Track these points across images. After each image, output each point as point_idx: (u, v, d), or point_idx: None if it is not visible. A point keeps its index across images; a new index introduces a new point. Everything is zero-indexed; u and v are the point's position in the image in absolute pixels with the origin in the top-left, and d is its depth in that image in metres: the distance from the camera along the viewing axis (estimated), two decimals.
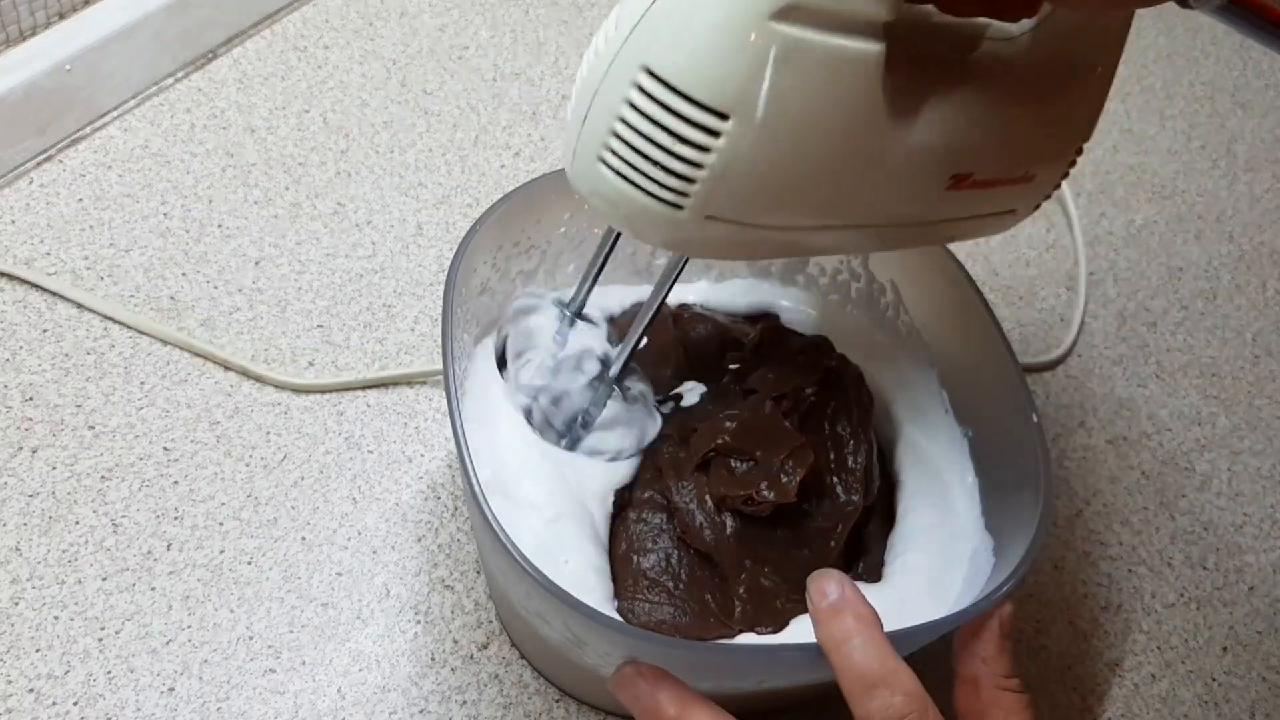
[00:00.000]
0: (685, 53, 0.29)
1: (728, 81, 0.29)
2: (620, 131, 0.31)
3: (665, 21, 0.29)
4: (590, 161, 0.33)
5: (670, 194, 0.32)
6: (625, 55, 0.30)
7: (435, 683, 0.45)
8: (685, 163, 0.31)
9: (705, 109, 0.30)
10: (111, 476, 0.49)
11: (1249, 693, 0.50)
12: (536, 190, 0.46)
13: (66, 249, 0.56)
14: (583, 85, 0.32)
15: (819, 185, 0.33)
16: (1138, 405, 0.60)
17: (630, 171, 0.32)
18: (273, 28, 0.69)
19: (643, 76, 0.30)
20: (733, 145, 0.30)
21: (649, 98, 0.30)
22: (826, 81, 0.30)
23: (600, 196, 0.33)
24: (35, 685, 0.43)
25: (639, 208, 0.32)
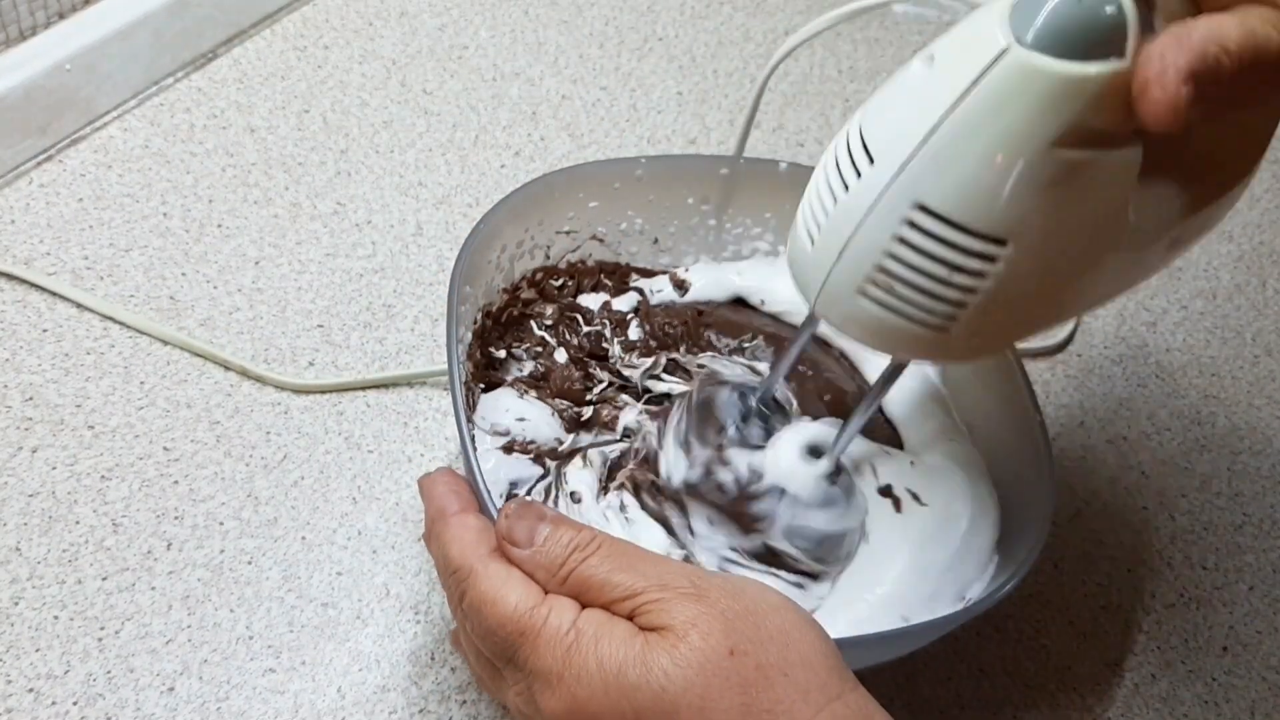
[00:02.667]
0: (964, 187, 0.29)
1: (1008, 209, 0.29)
2: (888, 266, 0.31)
3: (941, 159, 0.29)
4: (847, 293, 0.33)
5: (939, 319, 0.32)
6: (895, 192, 0.30)
7: (435, 682, 0.45)
8: (958, 289, 0.31)
9: (984, 238, 0.30)
10: (111, 476, 0.49)
11: (1249, 693, 0.50)
12: (541, 188, 0.46)
13: (66, 249, 0.56)
14: (832, 219, 0.32)
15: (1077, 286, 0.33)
16: (1137, 405, 0.60)
17: (896, 303, 0.32)
18: (272, 27, 0.69)
19: (917, 213, 0.30)
20: (1007, 268, 0.30)
21: (923, 233, 0.30)
22: (1094, 193, 0.30)
23: (858, 325, 0.33)
24: (35, 685, 0.43)
25: (902, 334, 0.32)
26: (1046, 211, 0.30)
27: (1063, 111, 0.28)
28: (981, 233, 0.30)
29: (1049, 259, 0.31)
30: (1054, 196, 0.29)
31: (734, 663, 0.30)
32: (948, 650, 0.49)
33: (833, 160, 0.33)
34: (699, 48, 0.74)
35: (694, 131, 0.69)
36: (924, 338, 0.32)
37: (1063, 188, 0.29)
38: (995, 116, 0.28)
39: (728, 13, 0.77)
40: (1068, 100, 0.28)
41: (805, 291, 0.35)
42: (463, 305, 0.43)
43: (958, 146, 0.29)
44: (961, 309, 0.31)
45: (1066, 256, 0.31)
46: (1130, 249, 0.33)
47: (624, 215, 0.50)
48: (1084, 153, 0.29)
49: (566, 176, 0.48)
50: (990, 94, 0.28)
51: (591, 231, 0.50)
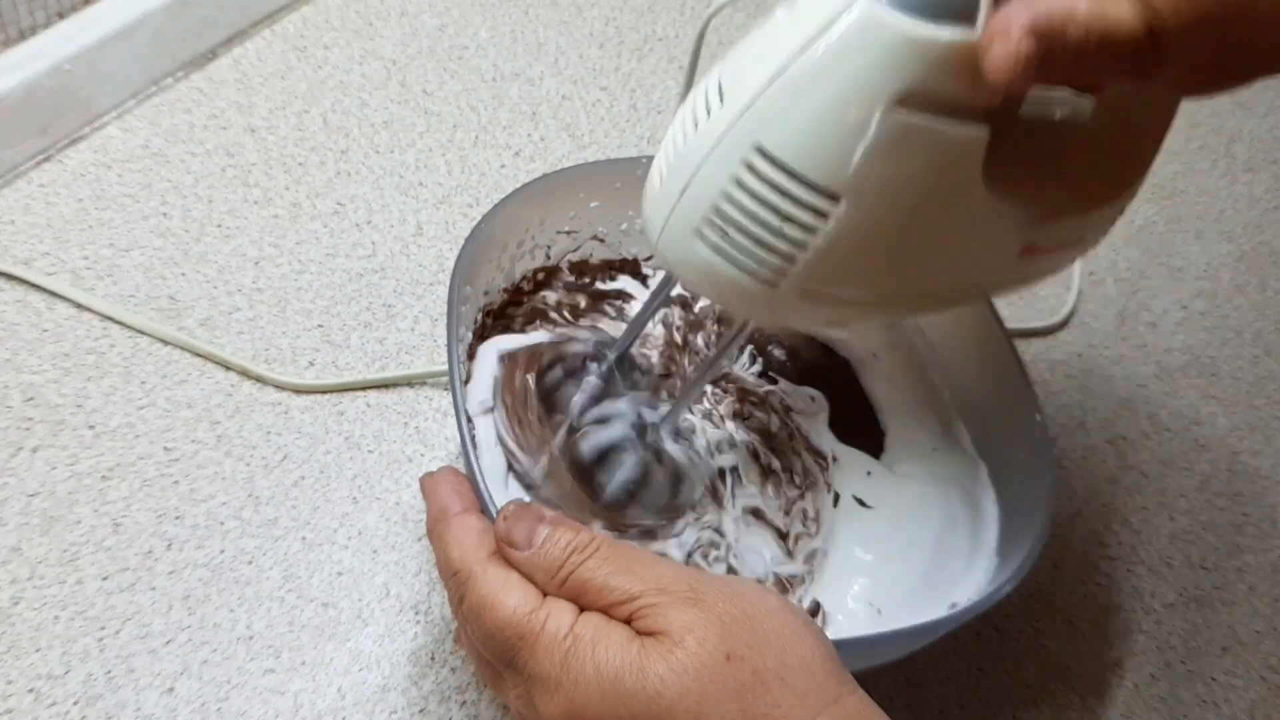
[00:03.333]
0: (803, 134, 0.29)
1: (844, 164, 0.29)
2: (723, 208, 0.31)
3: (782, 102, 0.29)
4: (685, 234, 0.32)
5: (769, 272, 0.32)
6: (737, 133, 0.30)
7: (435, 682, 0.45)
8: (789, 242, 0.31)
9: (818, 190, 0.30)
10: (112, 476, 0.49)
11: (1249, 693, 0.50)
12: (542, 188, 0.46)
13: (66, 249, 0.56)
14: (679, 156, 0.32)
15: (909, 262, 0.33)
16: (1137, 405, 0.60)
17: (729, 248, 0.32)
18: (273, 28, 0.69)
19: (755, 156, 0.30)
20: (838, 226, 0.30)
21: (759, 177, 0.30)
22: (934, 164, 0.30)
23: (692, 268, 0.33)
24: (35, 685, 0.43)
25: (732, 283, 0.32)
26: (883, 173, 0.29)
27: (906, 70, 0.28)
28: (815, 184, 0.30)
29: (883, 224, 0.31)
30: (892, 158, 0.29)
31: (730, 668, 0.30)
32: (948, 650, 0.49)
33: (691, 99, 0.33)
34: None
35: None
36: (754, 291, 0.32)
37: (901, 151, 0.29)
38: (839, 65, 0.28)
39: (728, 13, 0.77)
40: (913, 60, 0.28)
41: (650, 230, 0.34)
42: (463, 305, 0.43)
43: (801, 92, 0.29)
44: (790, 263, 0.31)
45: (902, 225, 0.31)
46: (976, 237, 0.33)
47: (625, 215, 0.50)
48: (926, 118, 0.29)
49: (567, 176, 0.48)
50: (837, 42, 0.28)
51: (593, 231, 0.50)
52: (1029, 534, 0.40)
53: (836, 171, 0.29)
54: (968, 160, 0.30)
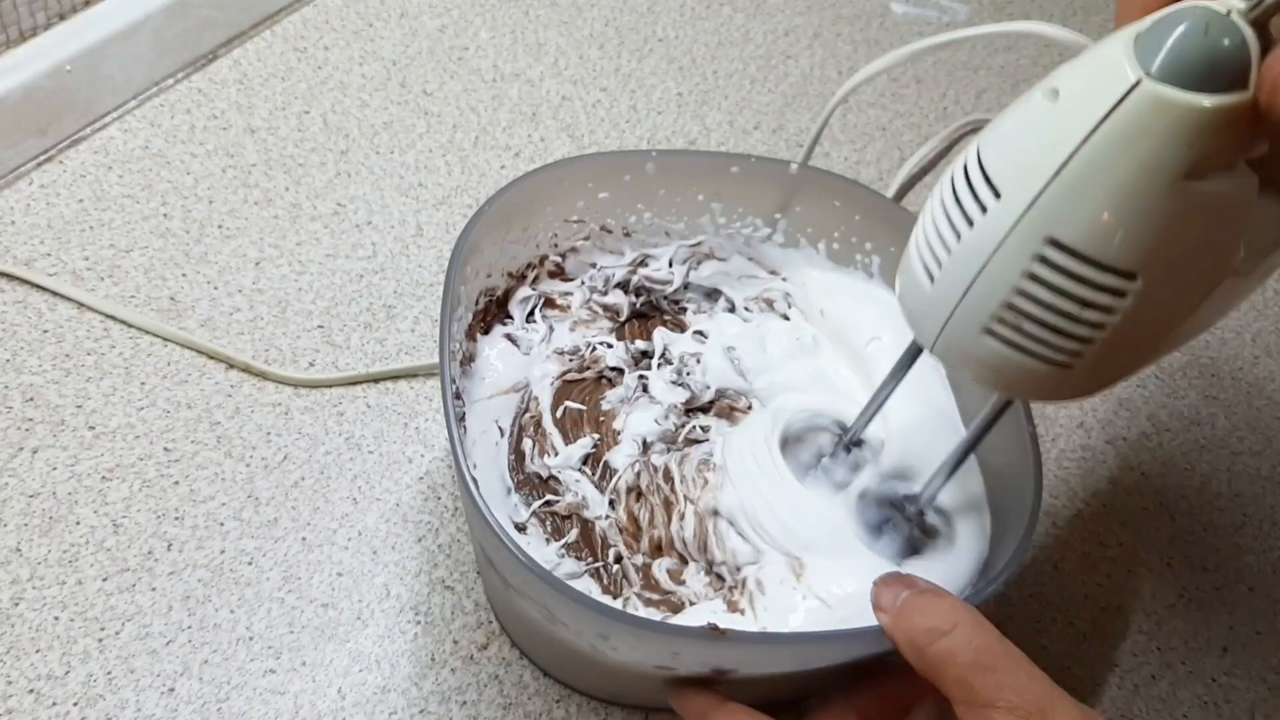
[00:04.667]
0: (1096, 221, 0.29)
1: (1139, 242, 0.29)
2: (1016, 303, 0.31)
3: (1072, 192, 0.29)
4: (972, 332, 0.32)
5: (1066, 356, 0.31)
6: (1025, 228, 0.30)
7: (435, 683, 0.45)
8: (1088, 326, 0.31)
9: (1115, 272, 0.30)
10: (112, 477, 0.49)
11: (1249, 693, 0.50)
12: (550, 176, 0.46)
13: (67, 249, 0.56)
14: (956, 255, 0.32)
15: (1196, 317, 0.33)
16: (1137, 405, 0.60)
17: (1024, 340, 0.31)
18: (273, 29, 0.69)
19: (1048, 248, 0.30)
20: (1135, 302, 0.30)
21: (1053, 268, 0.30)
22: (1218, 222, 0.30)
23: (979, 364, 0.33)
24: (35, 686, 0.43)
25: (1025, 370, 0.32)
26: (1175, 243, 0.29)
27: (1192, 144, 0.28)
28: (1114, 267, 0.29)
29: (1175, 291, 0.31)
30: (1182, 228, 0.29)
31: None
32: None
33: (951, 195, 0.32)
34: (699, 49, 0.74)
35: (694, 132, 0.69)
36: (1047, 375, 0.32)
37: (1190, 219, 0.29)
38: (1127, 149, 0.28)
39: (727, 14, 0.77)
40: (1197, 132, 0.28)
41: (922, 332, 0.34)
42: (463, 285, 0.43)
43: (1090, 180, 0.29)
44: (1088, 345, 0.31)
45: (1190, 287, 0.31)
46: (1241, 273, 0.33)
47: (633, 208, 0.50)
48: (1209, 183, 0.29)
49: (577, 166, 0.48)
50: (1122, 126, 0.28)
51: (600, 222, 0.50)
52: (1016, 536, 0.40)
53: (1132, 251, 0.29)
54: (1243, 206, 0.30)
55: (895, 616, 0.34)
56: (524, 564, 0.35)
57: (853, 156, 0.69)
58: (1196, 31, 0.27)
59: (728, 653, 0.37)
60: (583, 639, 0.38)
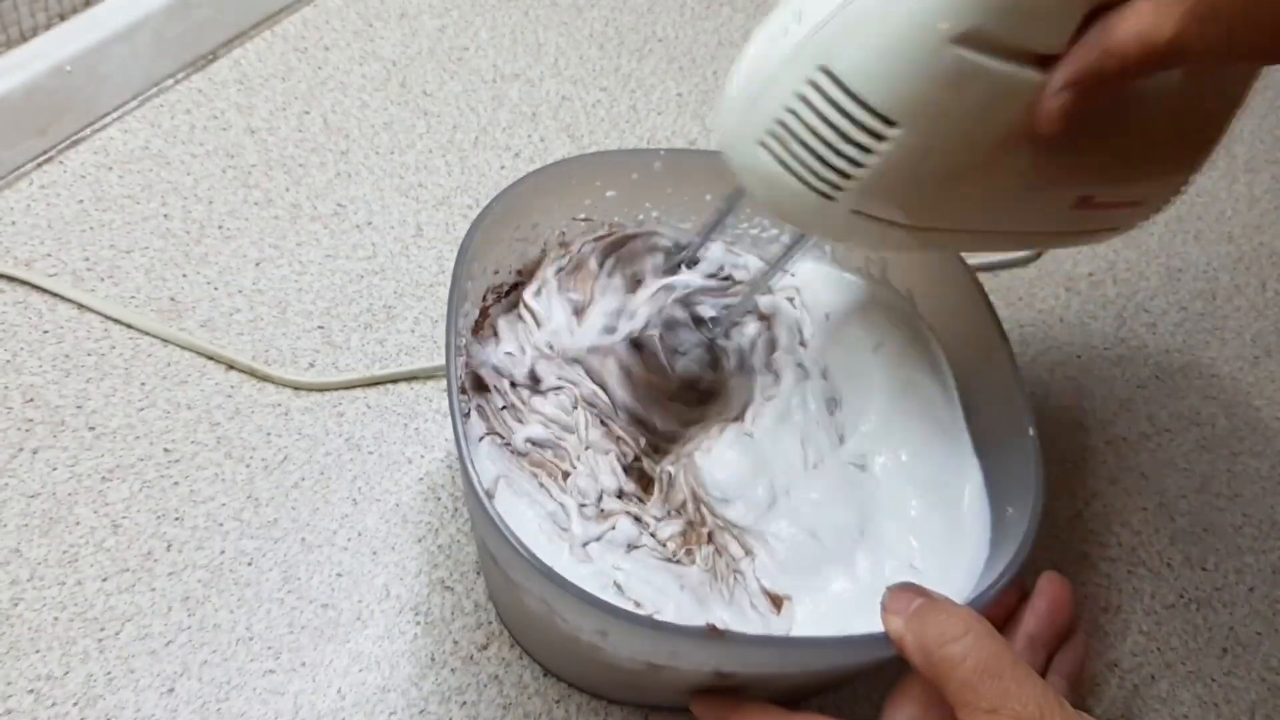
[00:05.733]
0: (867, 61, 0.31)
1: (902, 93, 0.31)
2: (787, 121, 0.33)
3: (851, 28, 0.31)
4: (750, 142, 0.34)
5: (825, 185, 0.33)
6: (806, 51, 0.32)
7: (435, 683, 0.45)
8: (846, 160, 0.33)
9: (876, 115, 0.31)
10: (112, 477, 0.49)
11: (1249, 694, 0.50)
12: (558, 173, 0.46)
13: (67, 250, 0.56)
14: (753, 67, 0.34)
15: (961, 195, 0.35)
16: (1137, 406, 0.60)
17: (789, 159, 0.34)
18: (273, 29, 0.69)
19: (820, 75, 0.32)
20: (893, 150, 0.32)
21: (823, 95, 0.32)
22: (987, 103, 0.32)
23: (754, 175, 0.35)
24: (35, 686, 0.43)
25: (790, 193, 0.34)
26: (939, 105, 0.31)
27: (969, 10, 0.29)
28: (875, 109, 0.31)
29: (936, 154, 0.33)
30: (949, 92, 0.31)
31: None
32: None
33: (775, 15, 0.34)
34: (699, 49, 0.74)
35: (694, 133, 0.69)
36: (809, 202, 0.34)
37: (958, 86, 0.31)
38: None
39: (727, 14, 0.77)
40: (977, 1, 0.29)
41: (719, 134, 0.36)
42: (470, 281, 0.43)
43: (869, 20, 0.31)
44: (845, 179, 0.33)
45: (954, 157, 0.33)
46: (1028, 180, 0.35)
47: (641, 207, 0.50)
48: (984, 58, 0.30)
49: (585, 164, 0.48)
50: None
51: (607, 221, 0.50)
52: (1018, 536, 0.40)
53: (895, 99, 0.31)
54: (1022, 102, 0.32)
55: (908, 620, 0.34)
56: (525, 559, 0.35)
57: None
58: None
59: (726, 652, 0.37)
60: (583, 635, 0.38)
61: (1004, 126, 0.32)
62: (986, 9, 0.29)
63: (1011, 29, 0.30)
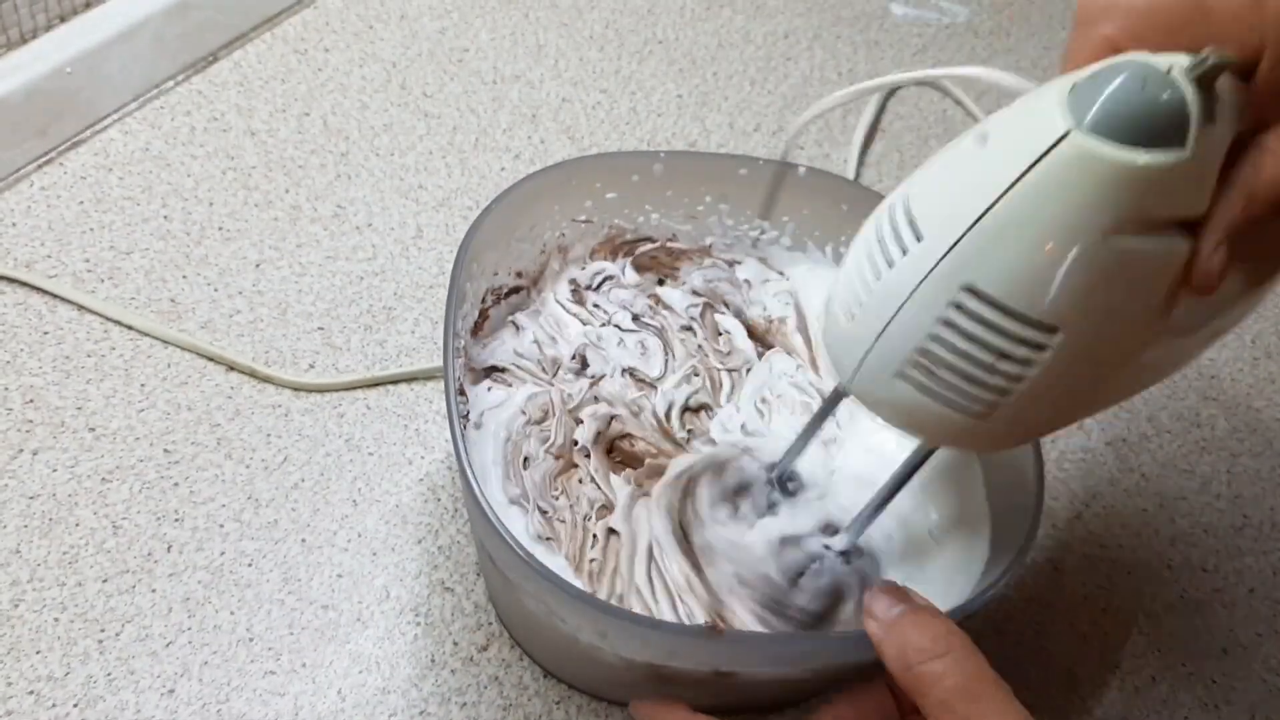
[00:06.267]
0: (1017, 271, 0.28)
1: (1060, 296, 0.28)
2: (931, 349, 0.30)
3: (993, 240, 0.28)
4: (886, 374, 0.32)
5: (981, 406, 0.31)
6: (943, 272, 0.29)
7: (435, 684, 0.45)
8: (1004, 377, 0.30)
9: (1035, 325, 0.29)
10: (112, 478, 0.49)
11: (1249, 695, 0.50)
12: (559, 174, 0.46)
13: (67, 251, 0.56)
14: (874, 295, 0.31)
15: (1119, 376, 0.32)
16: (1137, 407, 0.60)
17: (936, 387, 0.31)
18: (273, 31, 0.69)
19: (965, 296, 0.29)
20: (1055, 357, 0.29)
21: (970, 316, 0.29)
22: (1143, 282, 0.29)
23: (893, 407, 0.32)
24: (35, 687, 0.43)
25: (940, 419, 0.32)
26: (1099, 299, 0.29)
27: (1121, 200, 0.27)
28: (1032, 319, 0.29)
29: (1098, 347, 0.30)
30: (1107, 284, 0.29)
31: None
32: None
33: (874, 234, 0.32)
34: (699, 50, 0.74)
35: (694, 134, 0.69)
36: (962, 424, 0.31)
37: (1116, 276, 0.28)
38: (1052, 201, 0.28)
39: (727, 15, 0.77)
40: (1126, 188, 0.27)
41: (840, 369, 0.33)
42: (469, 283, 0.43)
43: (1012, 229, 0.28)
44: (1005, 396, 0.30)
45: (1115, 345, 0.31)
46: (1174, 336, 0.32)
47: (641, 209, 0.50)
48: (1137, 240, 0.28)
49: (585, 165, 0.48)
50: (1048, 177, 0.27)
51: (607, 223, 0.50)
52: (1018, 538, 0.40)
53: (1053, 305, 0.29)
54: (1173, 268, 0.29)
55: (888, 628, 0.34)
56: (524, 560, 0.35)
57: (854, 157, 0.69)
58: (1133, 85, 0.26)
59: (724, 652, 0.37)
60: (582, 635, 0.38)
61: (1161, 299, 0.30)
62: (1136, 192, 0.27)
63: (1163, 203, 0.28)
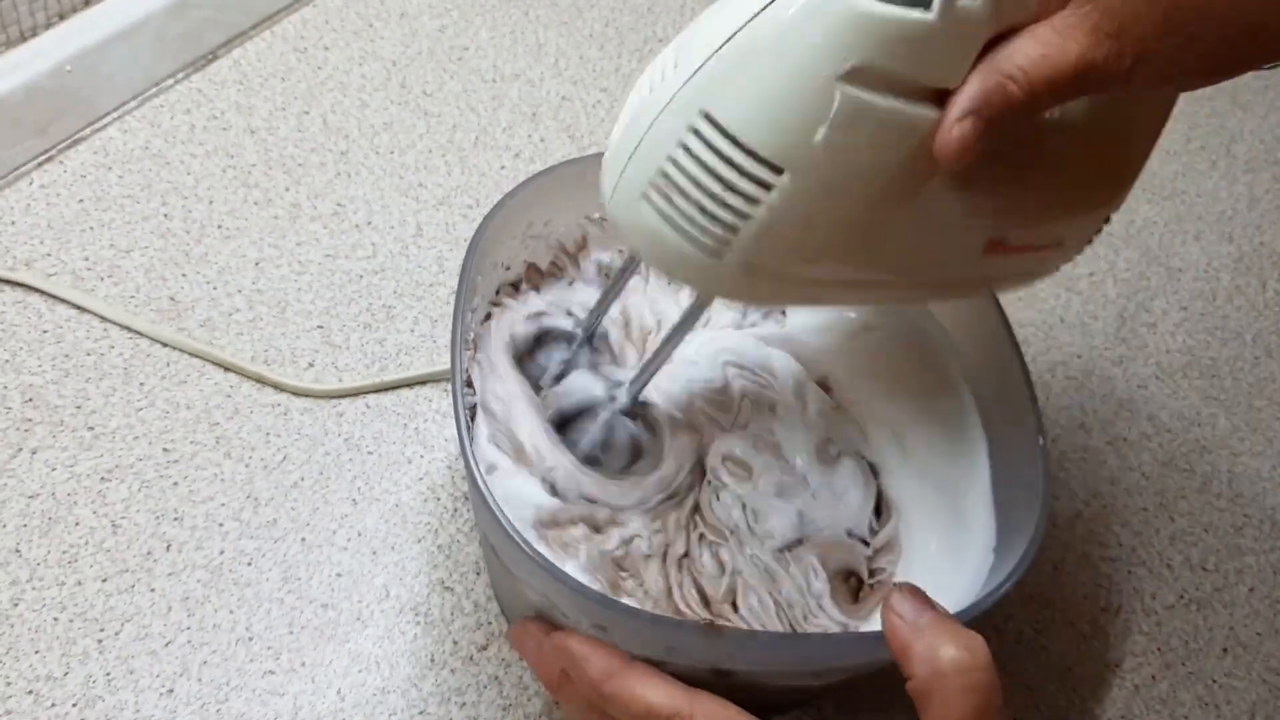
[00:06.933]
0: (748, 104, 0.29)
1: (787, 137, 0.29)
2: (669, 172, 0.31)
3: (731, 70, 0.29)
4: (633, 196, 0.32)
5: (712, 241, 0.31)
6: (685, 96, 0.30)
7: (435, 684, 0.45)
8: (732, 212, 0.30)
9: (762, 161, 0.29)
10: (111, 478, 0.49)
11: (1249, 694, 0.50)
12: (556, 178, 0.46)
13: (67, 250, 0.56)
14: (632, 118, 0.32)
15: (858, 243, 0.33)
16: (1138, 406, 0.60)
17: (673, 214, 0.31)
18: (273, 29, 0.69)
19: (701, 121, 0.30)
20: (781, 199, 0.30)
21: (704, 143, 0.30)
22: (879, 143, 0.29)
23: (638, 232, 0.33)
24: (34, 687, 0.43)
25: (677, 250, 0.32)
26: (829, 148, 0.29)
27: (857, 47, 0.27)
28: (759, 154, 0.29)
29: (828, 201, 0.30)
30: (838, 134, 0.29)
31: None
32: None
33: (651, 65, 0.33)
34: None
35: None
36: (697, 260, 0.32)
37: (848, 127, 0.29)
38: (789, 37, 0.28)
39: None
40: (865, 37, 0.27)
41: (602, 191, 0.34)
42: (480, 275, 0.43)
43: (749, 61, 0.29)
44: (733, 234, 0.31)
45: (849, 204, 0.31)
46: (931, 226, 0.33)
47: None
48: (875, 96, 0.28)
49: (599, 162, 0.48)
50: (788, 13, 0.28)
51: None
52: (1025, 534, 0.40)
53: (781, 143, 0.29)
54: (914, 142, 0.29)
55: (918, 632, 0.33)
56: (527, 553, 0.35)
57: None
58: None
59: (723, 648, 0.37)
60: (581, 630, 0.38)
61: (901, 169, 0.30)
62: (874, 44, 0.27)
63: (903, 63, 0.28)
